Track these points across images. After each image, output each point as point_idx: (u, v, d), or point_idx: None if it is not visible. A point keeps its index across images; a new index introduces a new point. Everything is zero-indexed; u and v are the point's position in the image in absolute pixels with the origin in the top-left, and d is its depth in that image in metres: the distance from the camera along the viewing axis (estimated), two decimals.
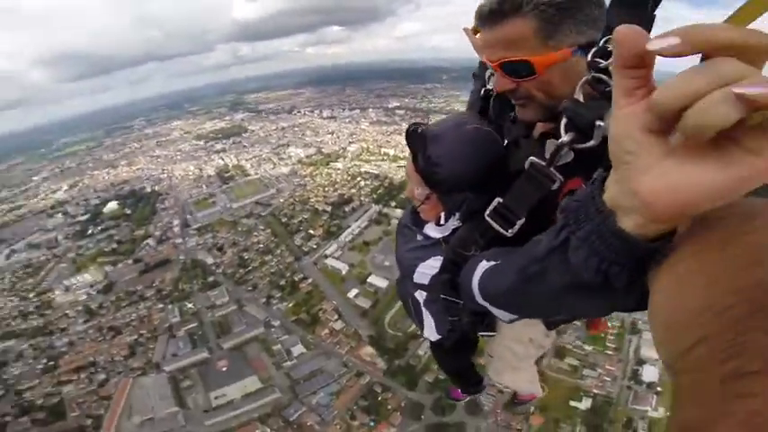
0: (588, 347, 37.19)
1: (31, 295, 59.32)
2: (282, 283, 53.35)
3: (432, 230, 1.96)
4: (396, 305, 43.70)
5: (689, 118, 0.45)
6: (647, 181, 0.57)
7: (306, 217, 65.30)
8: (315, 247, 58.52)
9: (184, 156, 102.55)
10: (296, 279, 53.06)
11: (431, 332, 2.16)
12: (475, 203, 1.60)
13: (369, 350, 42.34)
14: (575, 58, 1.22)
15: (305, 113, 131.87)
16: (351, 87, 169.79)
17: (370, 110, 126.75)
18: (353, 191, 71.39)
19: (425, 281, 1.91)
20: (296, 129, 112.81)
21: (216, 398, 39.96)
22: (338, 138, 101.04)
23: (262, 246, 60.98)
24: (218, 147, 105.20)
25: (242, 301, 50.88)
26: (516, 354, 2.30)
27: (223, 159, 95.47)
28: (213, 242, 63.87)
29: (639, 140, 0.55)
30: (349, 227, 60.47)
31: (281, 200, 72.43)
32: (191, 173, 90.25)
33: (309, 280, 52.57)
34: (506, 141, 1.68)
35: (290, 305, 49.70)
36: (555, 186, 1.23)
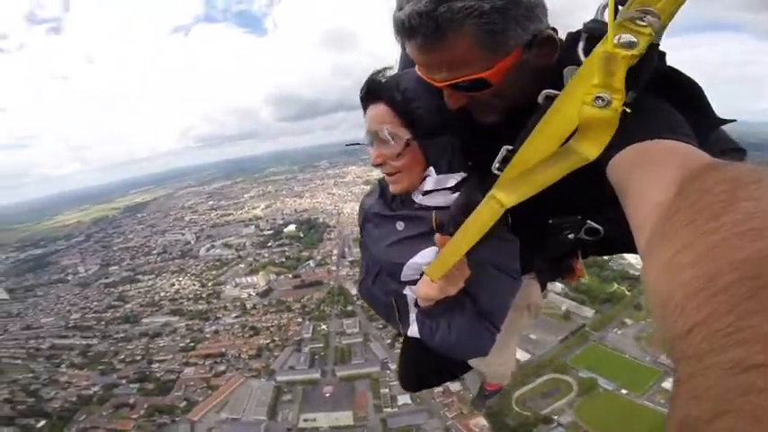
0: None
1: (209, 283, 65.27)
2: None
3: (423, 198, 1.42)
4: (533, 382, 36.67)
5: None
6: None
7: None
8: None
9: (354, 197, 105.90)
10: None
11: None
12: (463, 157, 1.36)
13: (481, 422, 34.43)
14: (525, 56, 1.06)
15: None
16: None
17: None
18: None
19: (417, 276, 1.40)
20: None
21: (305, 420, 37.36)
22: None
23: None
24: None
25: (369, 337, 47.50)
26: (510, 324, 1.76)
27: None
28: None
29: None
30: None
31: None
32: (356, 213, 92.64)
33: None
34: None
35: None
36: None
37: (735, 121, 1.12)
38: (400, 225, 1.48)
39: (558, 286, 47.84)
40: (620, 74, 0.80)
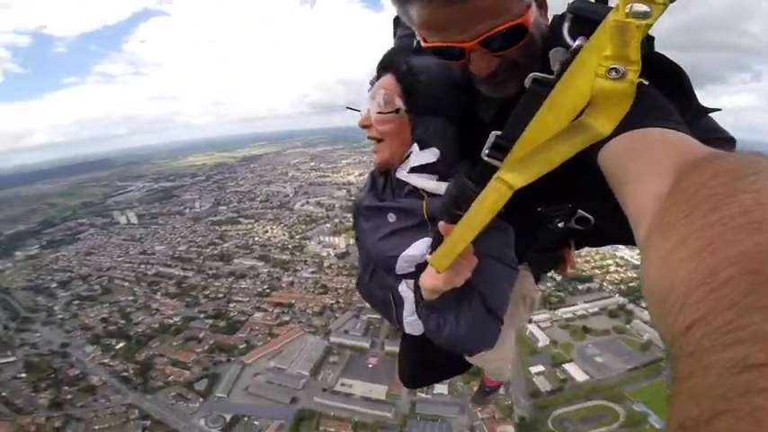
0: None
1: (296, 236, 69.11)
2: None
3: (408, 175, 1.39)
4: (578, 404, 34.15)
5: None
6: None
7: None
8: None
9: None
10: None
11: (415, 322, 1.53)
12: (453, 148, 1.36)
13: (509, 429, 32.50)
14: (535, 12, 1.04)
15: None
16: None
17: None
18: (597, 271, 54.73)
19: (413, 268, 1.40)
20: None
21: (342, 384, 38.06)
22: None
23: None
24: None
25: None
26: (508, 318, 1.63)
27: None
28: None
29: None
30: (574, 305, 47.30)
31: None
32: None
33: None
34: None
35: None
36: None
37: (719, 110, 1.11)
38: (392, 217, 1.44)
39: (645, 315, 42.15)
40: (634, 44, 0.71)
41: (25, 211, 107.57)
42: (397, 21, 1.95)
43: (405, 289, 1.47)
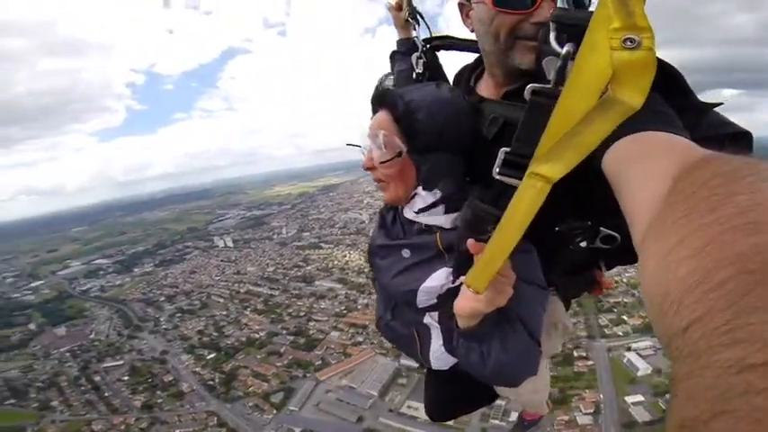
0: None
1: None
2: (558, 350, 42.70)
3: (416, 215, 1.35)
4: None
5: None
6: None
7: (628, 301, 49.09)
8: (620, 334, 43.70)
9: None
10: (575, 354, 40.82)
11: (442, 356, 1.49)
12: (459, 178, 1.32)
13: None
14: None
15: None
16: None
17: None
18: None
19: (434, 300, 1.34)
20: None
21: (409, 407, 37.06)
22: None
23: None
24: None
25: None
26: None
27: None
28: None
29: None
30: None
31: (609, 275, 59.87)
32: None
33: (590, 362, 39.54)
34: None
35: (551, 374, 38.25)
36: None
37: (722, 104, 1.08)
38: (406, 252, 1.39)
39: None
40: (639, 11, 0.67)
41: (144, 234, 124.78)
42: (393, 56, 2.03)
43: (430, 320, 1.42)
